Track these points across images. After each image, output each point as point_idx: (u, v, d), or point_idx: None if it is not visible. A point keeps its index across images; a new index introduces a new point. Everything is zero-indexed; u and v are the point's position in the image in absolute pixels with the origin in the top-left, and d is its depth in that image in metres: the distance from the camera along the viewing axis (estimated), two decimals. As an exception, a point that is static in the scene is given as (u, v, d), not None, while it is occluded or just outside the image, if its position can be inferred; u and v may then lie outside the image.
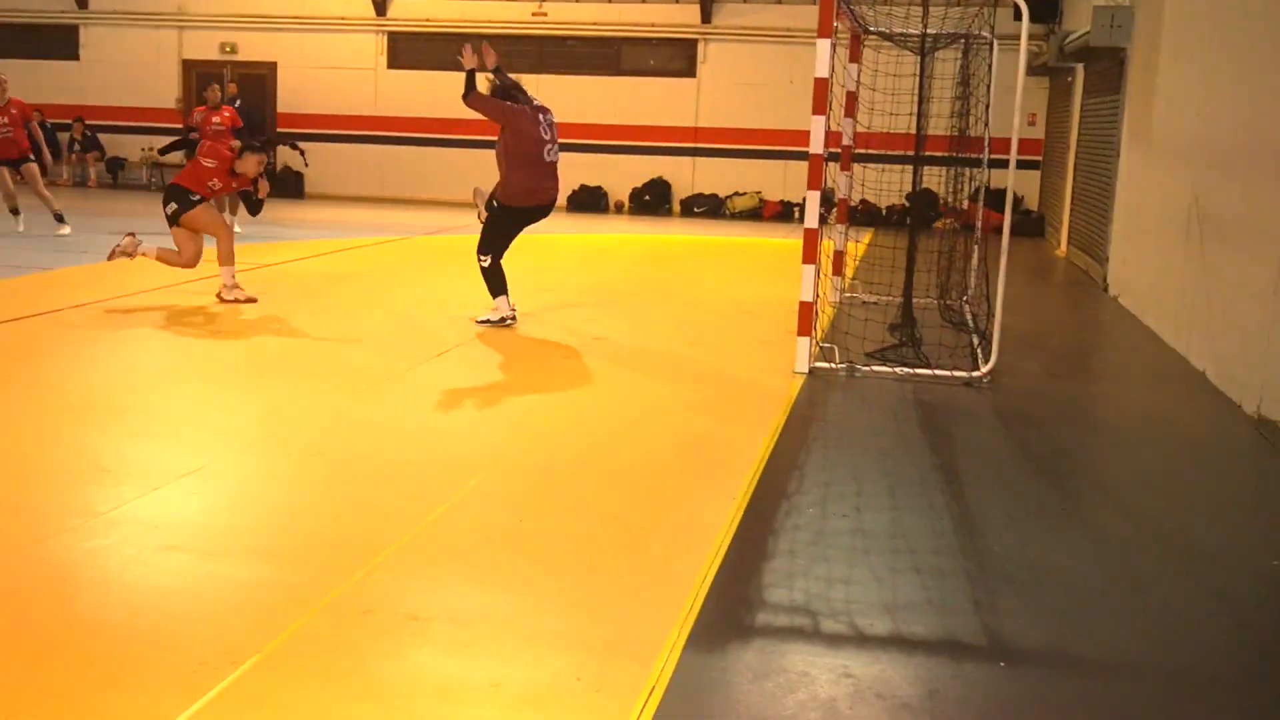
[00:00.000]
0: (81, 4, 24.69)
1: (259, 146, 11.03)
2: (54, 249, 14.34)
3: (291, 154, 23.84)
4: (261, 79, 24.48)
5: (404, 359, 8.70)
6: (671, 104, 23.23)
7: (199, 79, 24.02)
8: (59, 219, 15.84)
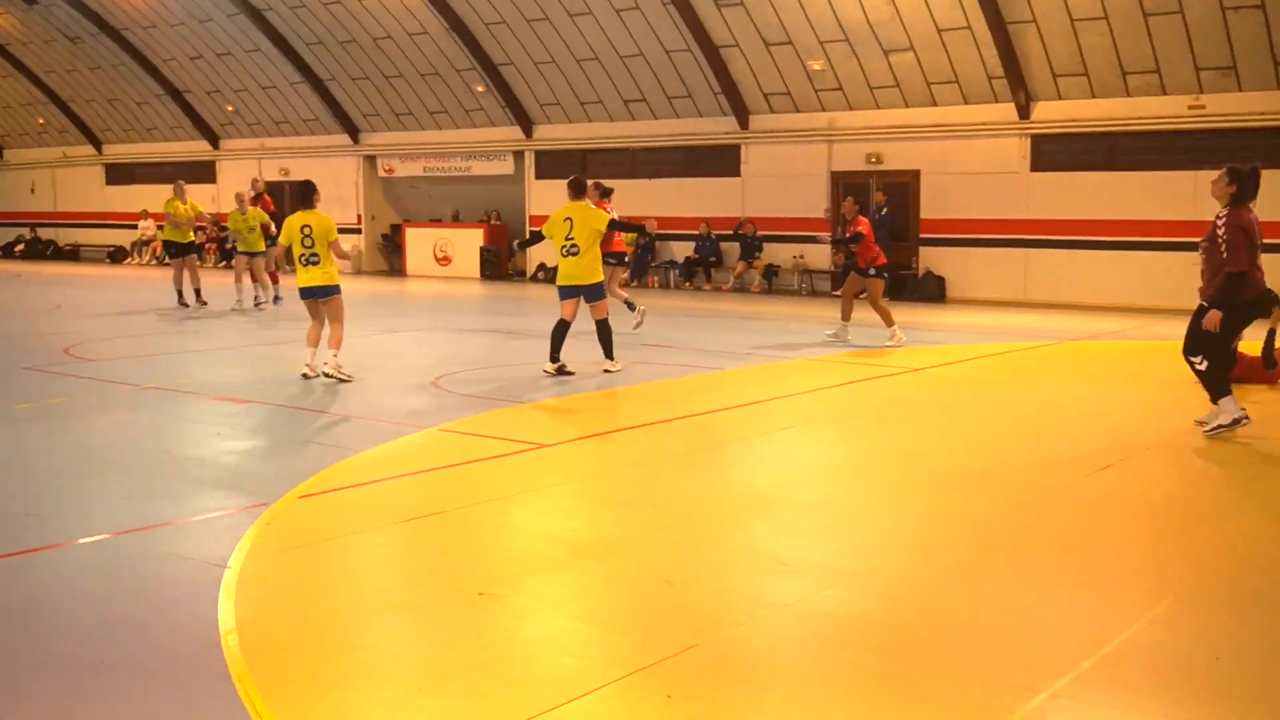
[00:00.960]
0: (743, 125, 26.34)
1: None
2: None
3: (936, 256, 24.11)
4: (905, 186, 24.93)
5: (1078, 465, 8.42)
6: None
7: (845, 188, 24.85)
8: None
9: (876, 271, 15.90)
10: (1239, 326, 9.52)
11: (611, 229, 13.35)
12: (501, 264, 30.53)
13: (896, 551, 6.35)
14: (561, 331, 12.56)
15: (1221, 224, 9.20)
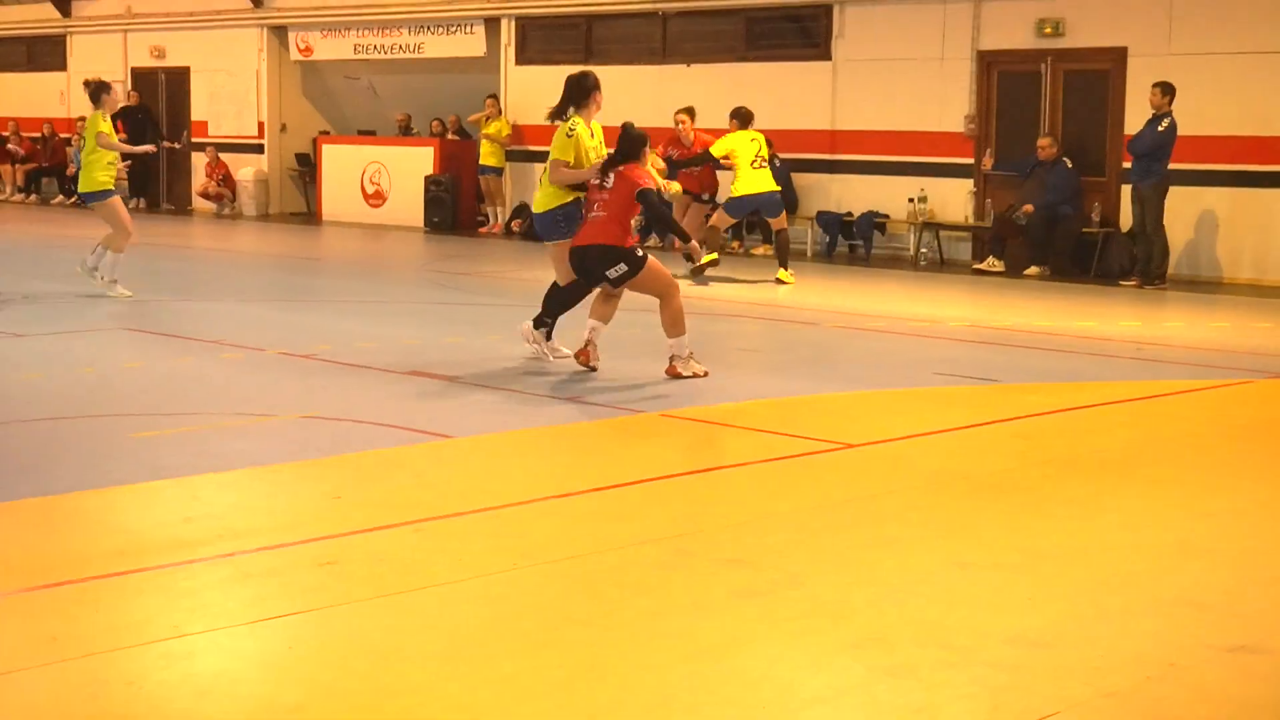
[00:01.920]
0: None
1: None
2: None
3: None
4: (1098, 80, 17.65)
5: None
6: None
7: (1000, 79, 17.24)
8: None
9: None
10: None
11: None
12: (460, 205, 23.08)
13: None
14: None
15: None
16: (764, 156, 16.03)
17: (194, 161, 26.57)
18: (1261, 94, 16.58)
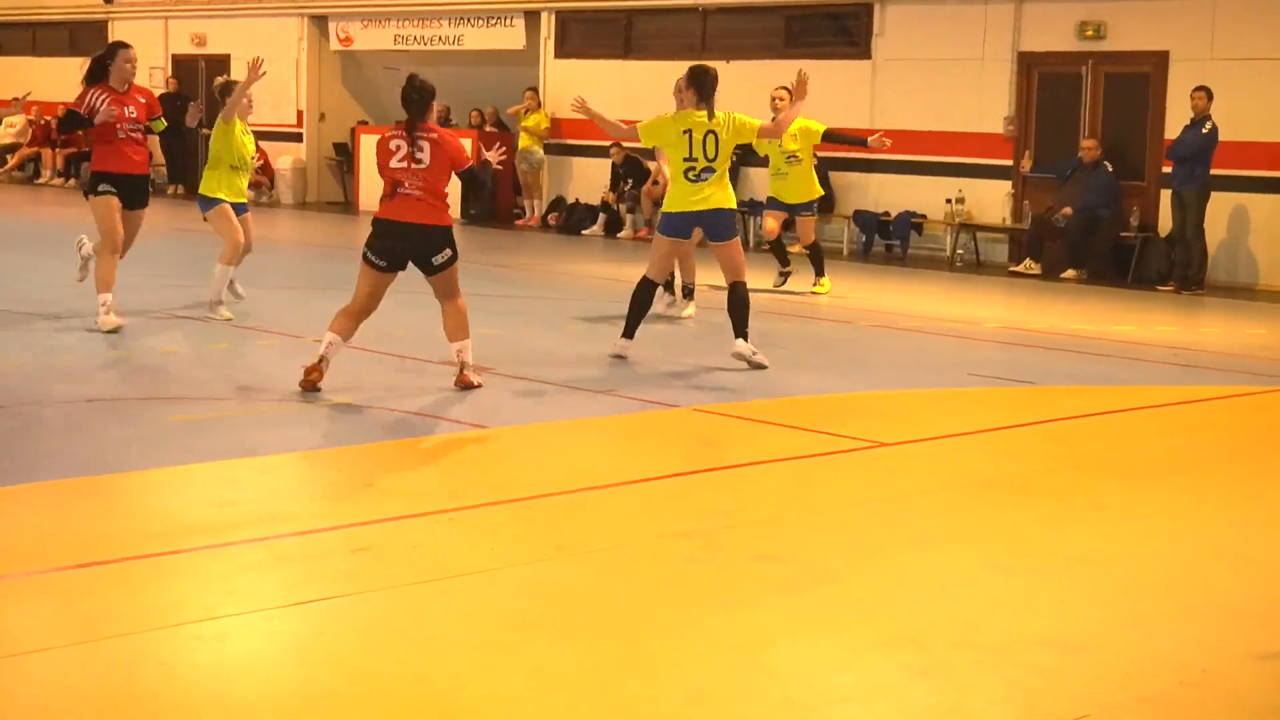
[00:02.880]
0: (881, -28, 18.55)
1: None
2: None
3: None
4: (1138, 82, 17.44)
5: None
6: None
7: (1040, 81, 17.04)
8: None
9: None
10: None
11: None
12: (500, 196, 22.89)
13: None
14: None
15: None
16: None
17: (232, 149, 26.52)
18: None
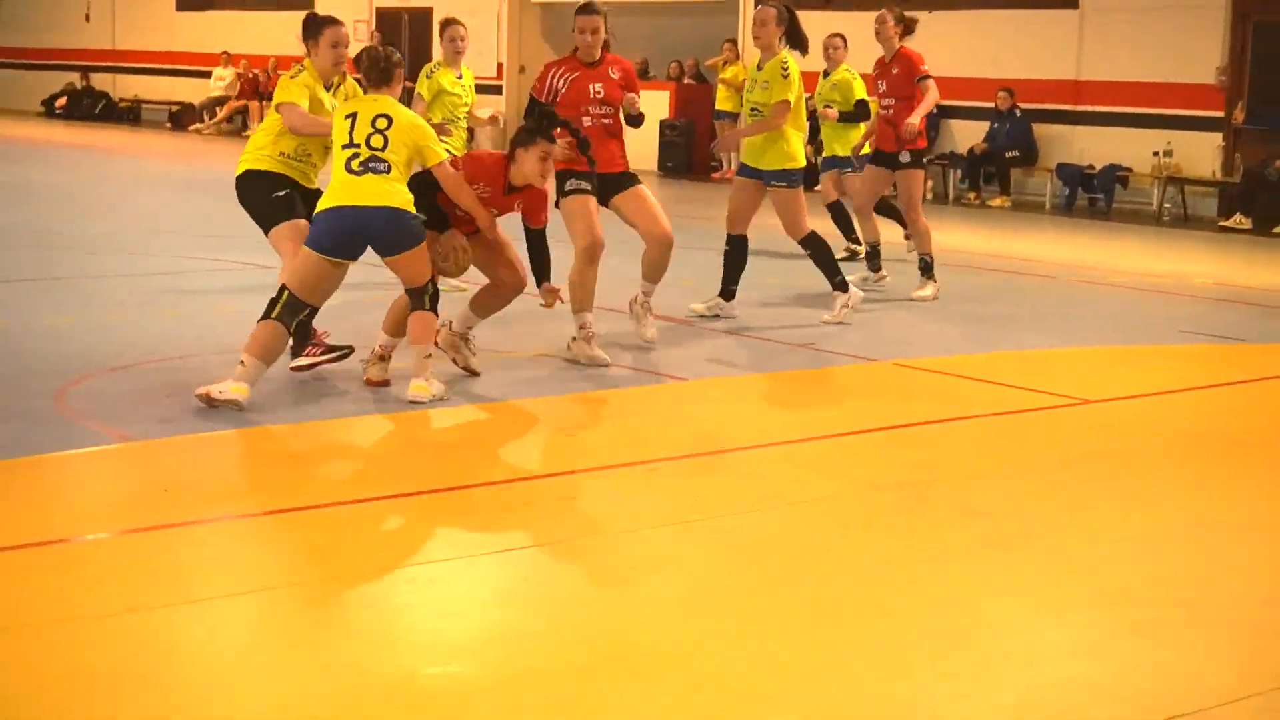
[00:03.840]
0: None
1: None
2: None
3: None
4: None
5: None
6: None
7: (1257, 33, 16.32)
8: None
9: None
10: None
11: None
12: (696, 151, 22.66)
13: None
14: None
15: None
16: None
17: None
18: None
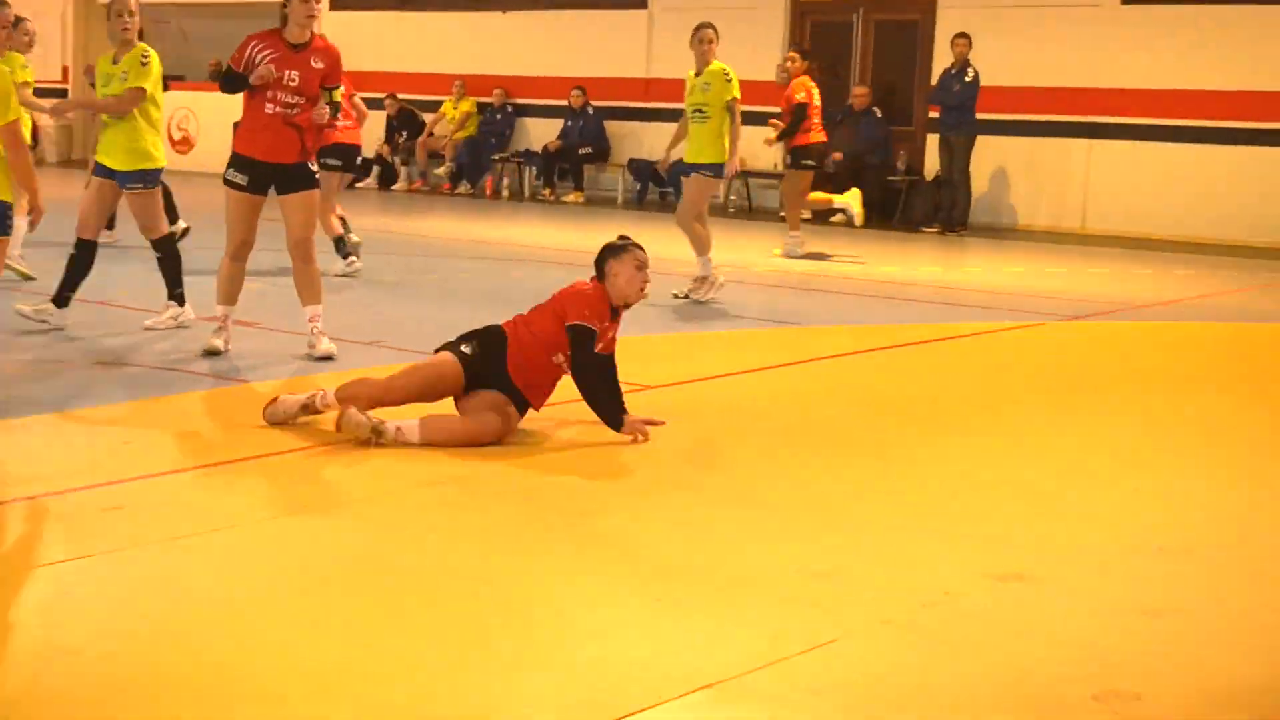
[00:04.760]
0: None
1: None
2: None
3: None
4: (907, 31, 17.90)
5: None
6: None
7: (813, 30, 17.30)
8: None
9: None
10: None
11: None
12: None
13: None
14: None
15: None
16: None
17: None
18: (1059, 47, 16.91)
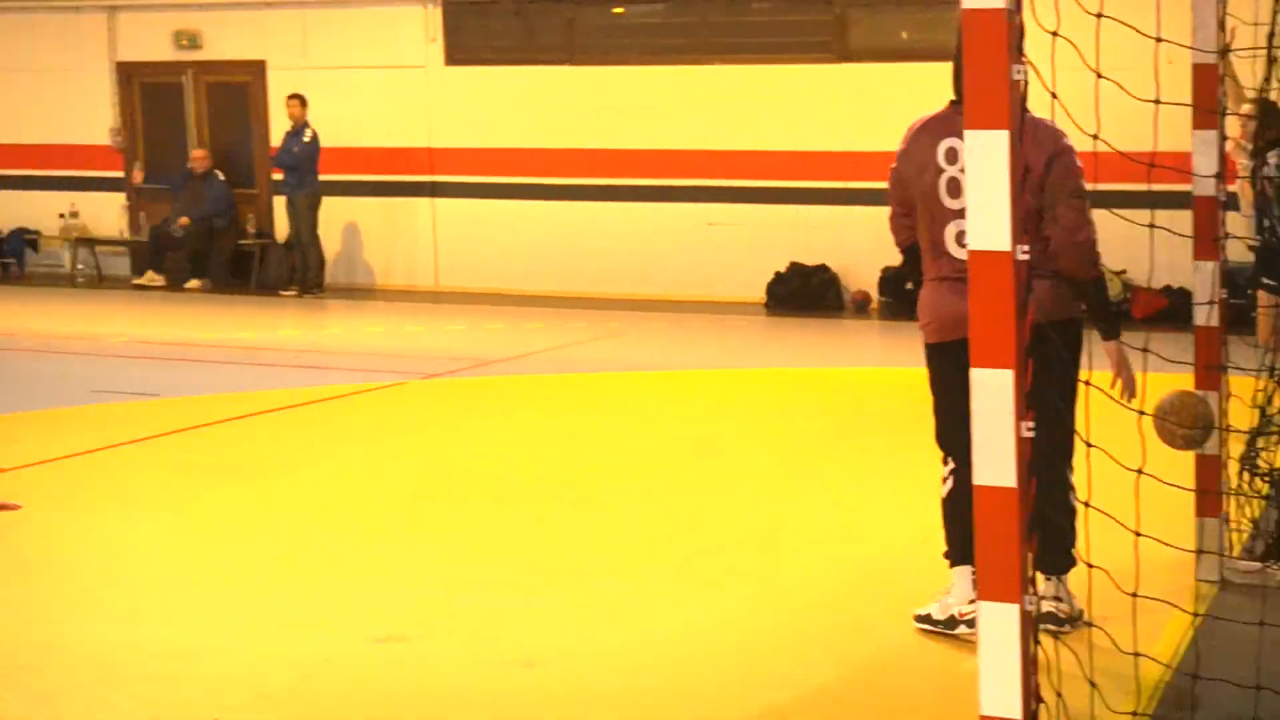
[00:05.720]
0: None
1: None
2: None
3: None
4: (239, 91, 17.61)
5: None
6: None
7: (143, 91, 16.92)
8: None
9: None
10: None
11: None
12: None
13: None
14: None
15: None
16: None
17: None
18: (395, 107, 17.36)
